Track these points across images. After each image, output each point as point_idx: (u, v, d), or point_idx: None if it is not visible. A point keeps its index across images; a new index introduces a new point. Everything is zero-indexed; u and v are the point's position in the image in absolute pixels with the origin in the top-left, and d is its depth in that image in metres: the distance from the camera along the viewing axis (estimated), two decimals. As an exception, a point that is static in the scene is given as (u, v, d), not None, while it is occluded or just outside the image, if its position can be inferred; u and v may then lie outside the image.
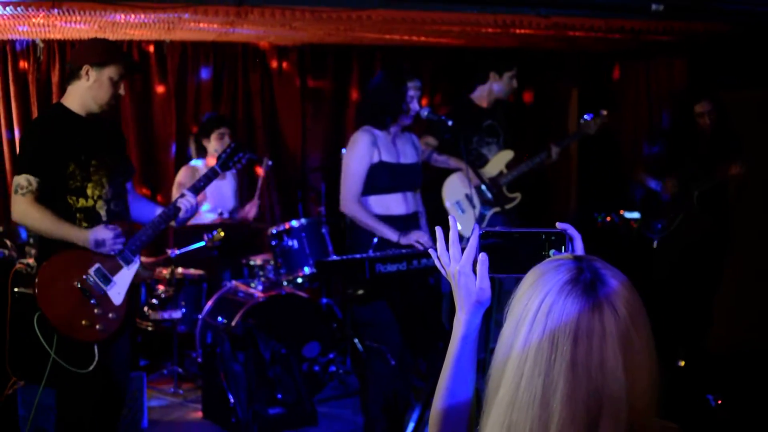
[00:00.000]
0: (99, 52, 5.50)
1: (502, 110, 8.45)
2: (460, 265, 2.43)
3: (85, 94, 5.47)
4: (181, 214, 5.71)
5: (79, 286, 5.35)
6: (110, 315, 5.42)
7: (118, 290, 5.46)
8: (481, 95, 8.33)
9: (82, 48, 5.66)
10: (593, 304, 1.94)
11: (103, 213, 5.47)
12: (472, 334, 2.42)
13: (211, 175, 5.82)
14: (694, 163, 8.09)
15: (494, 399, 2.05)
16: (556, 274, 2.02)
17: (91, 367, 5.34)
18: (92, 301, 5.37)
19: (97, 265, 5.40)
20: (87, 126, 5.51)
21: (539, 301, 1.99)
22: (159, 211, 5.78)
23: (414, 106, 6.47)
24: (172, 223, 5.80)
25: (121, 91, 5.55)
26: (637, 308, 1.99)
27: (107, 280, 5.42)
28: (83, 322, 5.34)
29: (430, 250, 2.62)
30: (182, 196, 5.74)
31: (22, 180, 5.29)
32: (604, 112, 8.24)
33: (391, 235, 6.28)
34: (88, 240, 5.33)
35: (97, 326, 5.37)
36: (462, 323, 2.43)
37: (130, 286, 5.53)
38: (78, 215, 5.41)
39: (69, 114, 5.50)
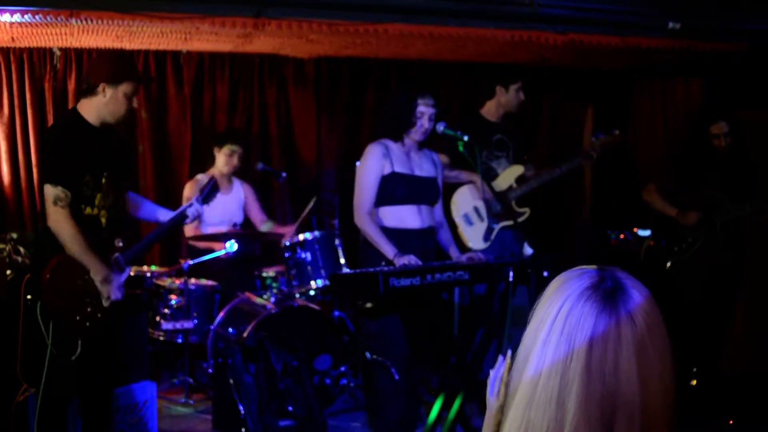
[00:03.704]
0: (114, 70, 5.70)
1: (512, 123, 8.43)
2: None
3: (102, 109, 5.67)
4: (191, 218, 6.00)
5: (81, 284, 5.55)
6: (98, 315, 5.61)
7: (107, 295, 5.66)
8: (490, 110, 8.31)
9: (97, 64, 5.88)
10: (611, 311, 1.98)
11: (104, 221, 5.69)
12: None
13: (198, 204, 6.07)
14: (713, 186, 8.04)
15: (513, 400, 2.08)
16: (578, 280, 2.06)
17: (73, 357, 5.57)
18: (87, 300, 5.57)
19: None
20: (100, 137, 5.72)
21: (559, 305, 2.03)
22: (161, 210, 6.10)
23: (423, 122, 6.47)
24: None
25: (135, 105, 5.76)
26: (654, 319, 2.01)
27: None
28: (77, 317, 5.56)
29: (491, 371, 2.61)
30: (190, 205, 5.97)
31: (59, 192, 5.46)
32: (616, 132, 8.20)
33: (389, 251, 6.28)
34: (101, 275, 5.56)
35: (86, 323, 5.58)
36: None
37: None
38: (84, 221, 5.61)
39: (85, 124, 5.69)
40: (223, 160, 8.71)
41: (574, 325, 1.98)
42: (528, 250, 6.54)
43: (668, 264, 8.31)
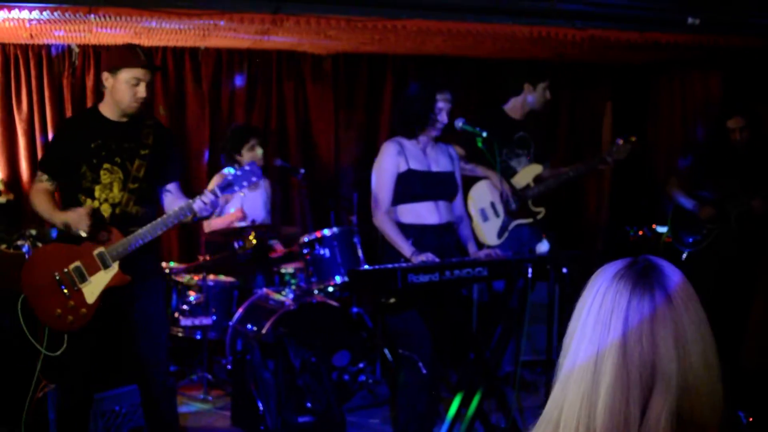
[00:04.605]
0: (112, 57, 5.78)
1: (535, 122, 8.41)
2: None
3: (109, 99, 5.76)
4: (198, 216, 5.80)
5: (57, 277, 5.64)
6: (82, 310, 5.66)
7: (92, 290, 5.68)
8: (514, 107, 8.29)
9: (104, 56, 5.89)
10: (644, 287, 2.05)
11: (106, 215, 5.74)
12: None
13: (217, 195, 5.82)
14: (731, 180, 8.07)
15: (558, 378, 2.15)
16: (613, 266, 2.15)
17: (58, 352, 5.72)
18: (66, 294, 5.64)
19: (77, 263, 5.66)
20: (113, 130, 5.79)
21: (597, 288, 2.12)
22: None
23: (441, 117, 6.44)
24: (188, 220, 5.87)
25: (141, 94, 5.71)
26: (687, 292, 2.08)
27: (83, 278, 5.66)
28: (57, 311, 5.64)
29: None
30: (200, 196, 5.76)
31: (38, 172, 5.86)
32: (633, 138, 8.19)
33: (406, 249, 6.26)
34: (59, 223, 5.71)
35: (69, 317, 5.66)
36: None
37: (106, 289, 5.71)
38: None
39: (97, 118, 5.81)
40: (248, 157, 8.65)
41: (609, 302, 2.06)
42: (542, 247, 6.53)
43: (684, 255, 8.33)
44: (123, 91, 5.64)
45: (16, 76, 9.04)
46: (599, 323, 2.05)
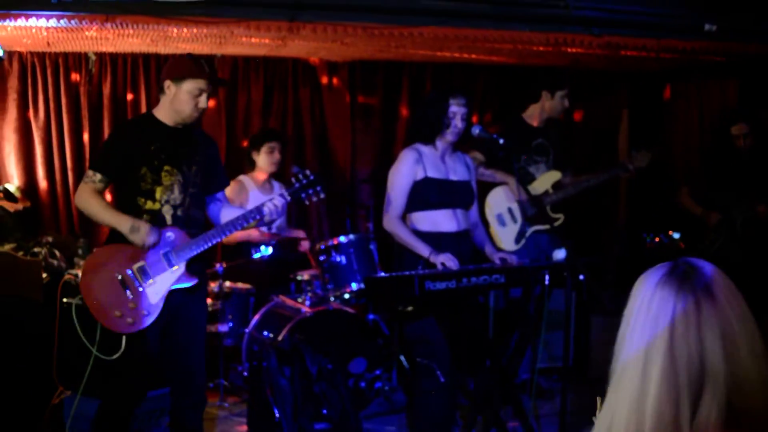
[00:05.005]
0: (178, 67, 5.78)
1: (554, 129, 8.41)
2: None
3: (168, 106, 5.78)
4: (266, 219, 5.84)
5: (119, 278, 5.60)
6: (143, 311, 5.61)
7: (156, 290, 5.65)
8: (533, 114, 8.30)
9: (169, 63, 5.90)
10: (688, 289, 2.14)
11: (168, 217, 5.73)
12: None
13: (283, 203, 5.90)
14: (736, 186, 8.11)
15: (611, 384, 2.25)
16: (655, 272, 2.24)
17: (115, 356, 5.69)
18: (129, 295, 5.60)
19: (141, 263, 5.63)
20: (170, 134, 5.80)
21: (642, 296, 2.20)
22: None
23: (456, 122, 6.44)
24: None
25: (202, 105, 5.75)
26: (730, 289, 2.19)
27: (147, 279, 5.64)
28: (116, 313, 5.58)
29: None
30: (271, 200, 5.85)
31: (88, 172, 5.71)
32: (655, 148, 8.22)
33: (424, 251, 6.26)
34: (126, 224, 5.57)
35: (128, 319, 5.59)
36: None
37: (170, 289, 5.69)
38: (145, 216, 5.67)
39: (153, 122, 5.82)
40: (264, 159, 8.65)
41: (655, 309, 2.15)
42: (559, 254, 6.52)
43: None
44: (185, 101, 5.69)
45: (33, 84, 9.06)
46: (646, 329, 2.12)
